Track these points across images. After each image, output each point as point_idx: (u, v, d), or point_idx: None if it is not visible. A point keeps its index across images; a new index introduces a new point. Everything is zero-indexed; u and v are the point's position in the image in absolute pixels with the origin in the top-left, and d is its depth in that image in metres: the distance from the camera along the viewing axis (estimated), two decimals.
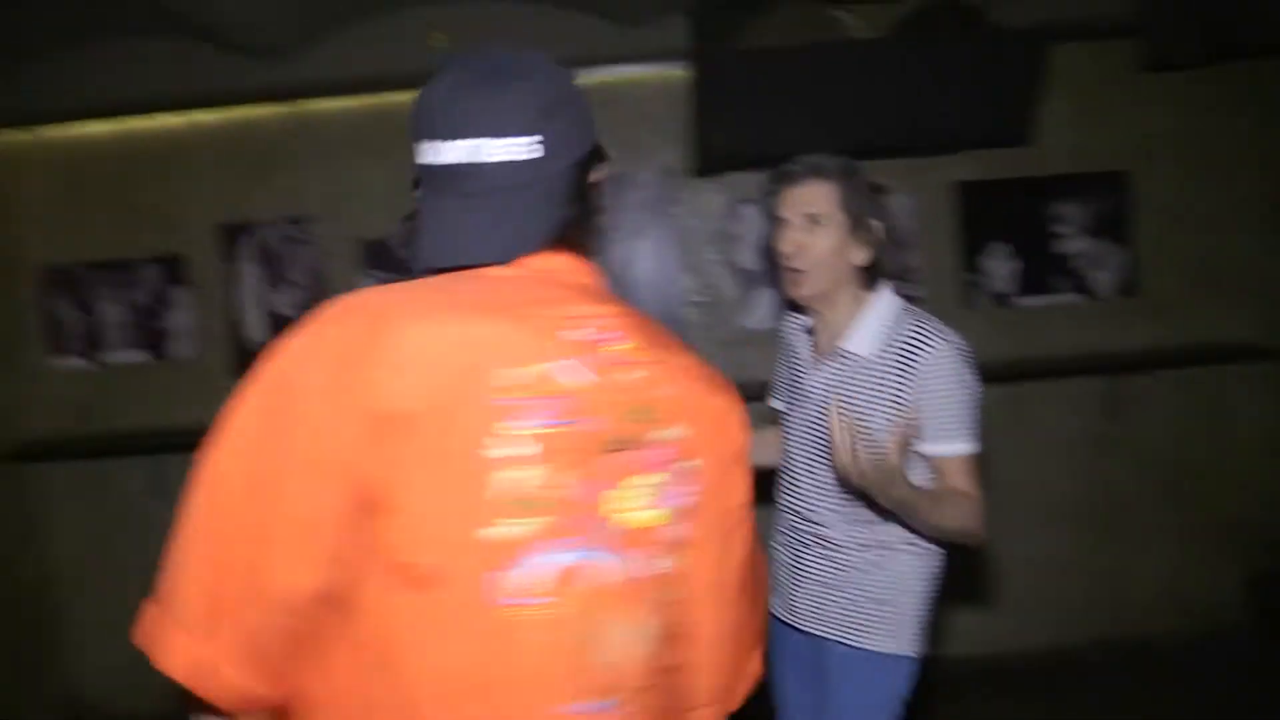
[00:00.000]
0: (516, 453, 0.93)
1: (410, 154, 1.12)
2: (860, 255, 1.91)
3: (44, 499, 4.06)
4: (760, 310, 4.01)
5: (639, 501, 0.99)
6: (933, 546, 1.91)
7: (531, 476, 0.94)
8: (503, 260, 1.06)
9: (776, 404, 2.22)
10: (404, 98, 3.82)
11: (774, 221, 1.96)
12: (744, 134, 3.70)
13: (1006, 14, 3.45)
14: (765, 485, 2.29)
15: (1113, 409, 4.00)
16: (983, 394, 1.89)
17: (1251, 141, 3.89)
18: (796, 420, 1.98)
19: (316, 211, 4.00)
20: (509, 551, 0.93)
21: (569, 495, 0.95)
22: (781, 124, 3.68)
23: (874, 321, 1.89)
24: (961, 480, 1.80)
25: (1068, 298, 4.01)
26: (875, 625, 1.86)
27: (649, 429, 1.01)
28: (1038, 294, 4.00)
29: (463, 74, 1.09)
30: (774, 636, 2.07)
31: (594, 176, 1.17)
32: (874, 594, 1.87)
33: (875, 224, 1.92)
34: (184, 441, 3.83)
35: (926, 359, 1.80)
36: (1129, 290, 4.00)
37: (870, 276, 1.94)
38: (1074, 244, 3.98)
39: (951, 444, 1.80)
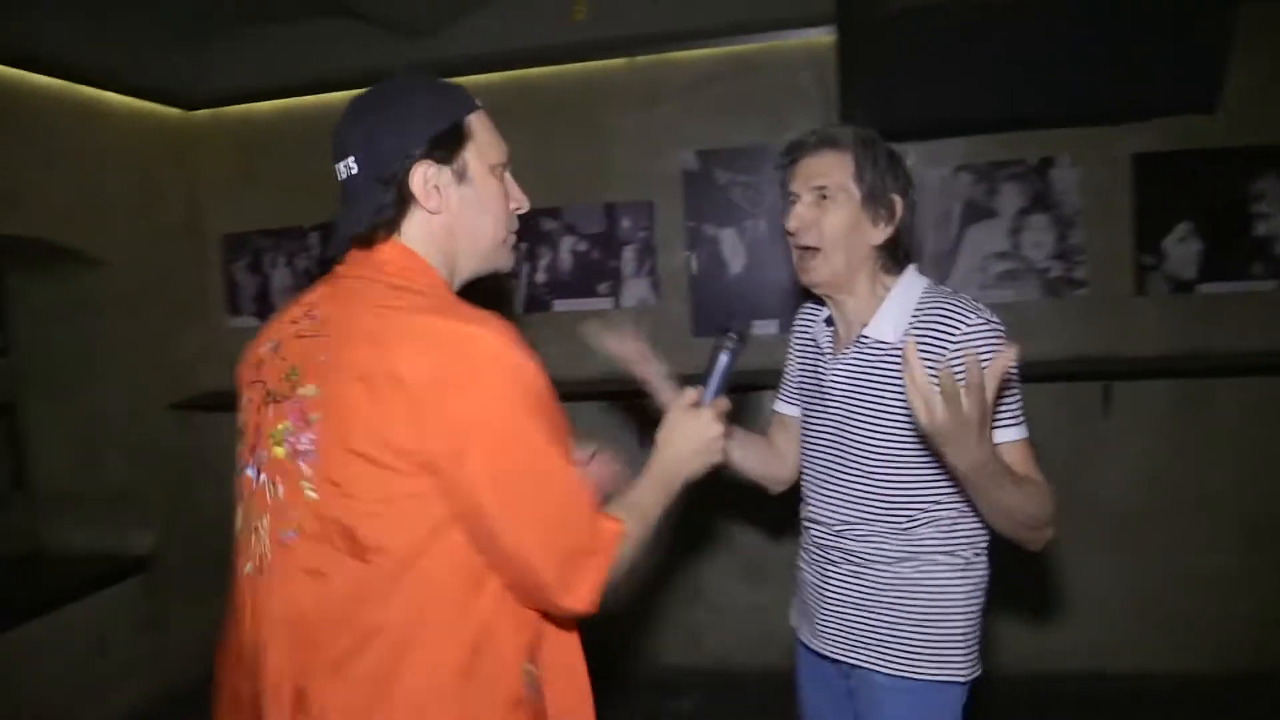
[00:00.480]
0: (244, 399, 1.40)
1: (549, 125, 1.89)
2: (878, 234, 1.72)
3: (219, 444, 4.42)
4: None
5: (277, 441, 1.30)
6: (974, 556, 1.71)
7: (243, 417, 1.39)
8: (338, 253, 1.43)
9: (784, 408, 2.03)
10: (540, 71, 3.92)
11: (785, 198, 1.79)
12: (891, 102, 3.49)
13: None
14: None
15: None
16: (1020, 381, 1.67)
17: None
18: (816, 422, 1.80)
19: None
20: (240, 463, 1.38)
21: (254, 430, 1.35)
22: (933, 91, 3.45)
23: (898, 304, 1.70)
24: (1026, 468, 1.58)
25: (1262, 285, 3.54)
26: (917, 651, 1.68)
27: (294, 387, 1.30)
28: (1225, 279, 3.56)
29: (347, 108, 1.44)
30: (802, 665, 1.92)
31: (414, 178, 1.35)
32: (913, 614, 1.68)
33: (896, 199, 1.72)
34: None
35: (958, 337, 1.59)
36: None
37: (893, 258, 1.75)
38: (1272, 224, 3.51)
39: (1003, 430, 1.59)
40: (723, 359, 1.55)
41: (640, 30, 3.83)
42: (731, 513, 3.95)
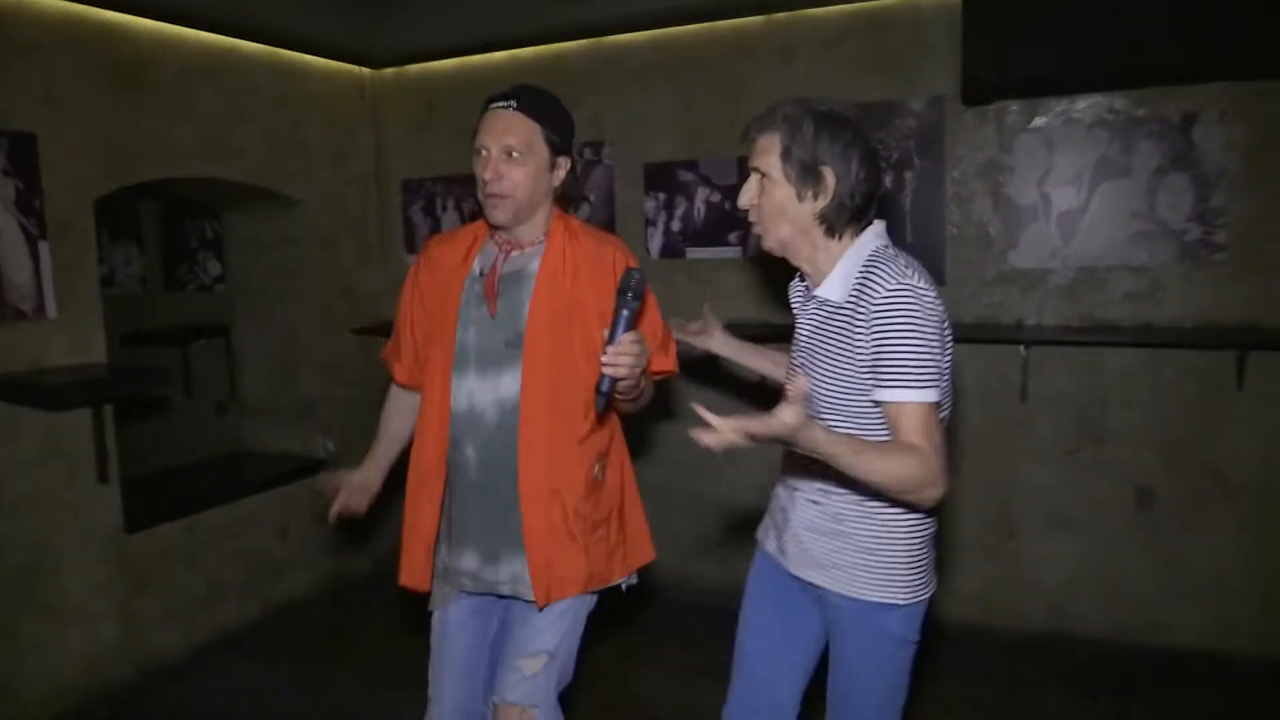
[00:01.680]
0: None
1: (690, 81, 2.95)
2: (814, 206, 1.82)
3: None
4: (1026, 248, 3.77)
5: None
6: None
7: None
8: None
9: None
10: (687, 29, 4.12)
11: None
12: (1015, 58, 3.47)
13: None
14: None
15: None
16: (948, 345, 1.78)
17: None
18: (795, 365, 1.96)
19: (610, 136, 4.41)
20: None
21: None
22: (1061, 46, 3.40)
23: (848, 266, 1.82)
24: (910, 432, 1.68)
25: None
26: (861, 575, 1.84)
27: None
28: None
29: None
30: (760, 573, 2.11)
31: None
32: (859, 542, 1.84)
33: (824, 171, 1.80)
34: None
35: (876, 299, 1.71)
36: None
37: (838, 223, 1.84)
38: None
39: (898, 391, 1.69)
40: (624, 314, 1.89)
41: None
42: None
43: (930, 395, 1.70)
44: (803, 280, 2.01)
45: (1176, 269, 3.59)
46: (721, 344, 2.41)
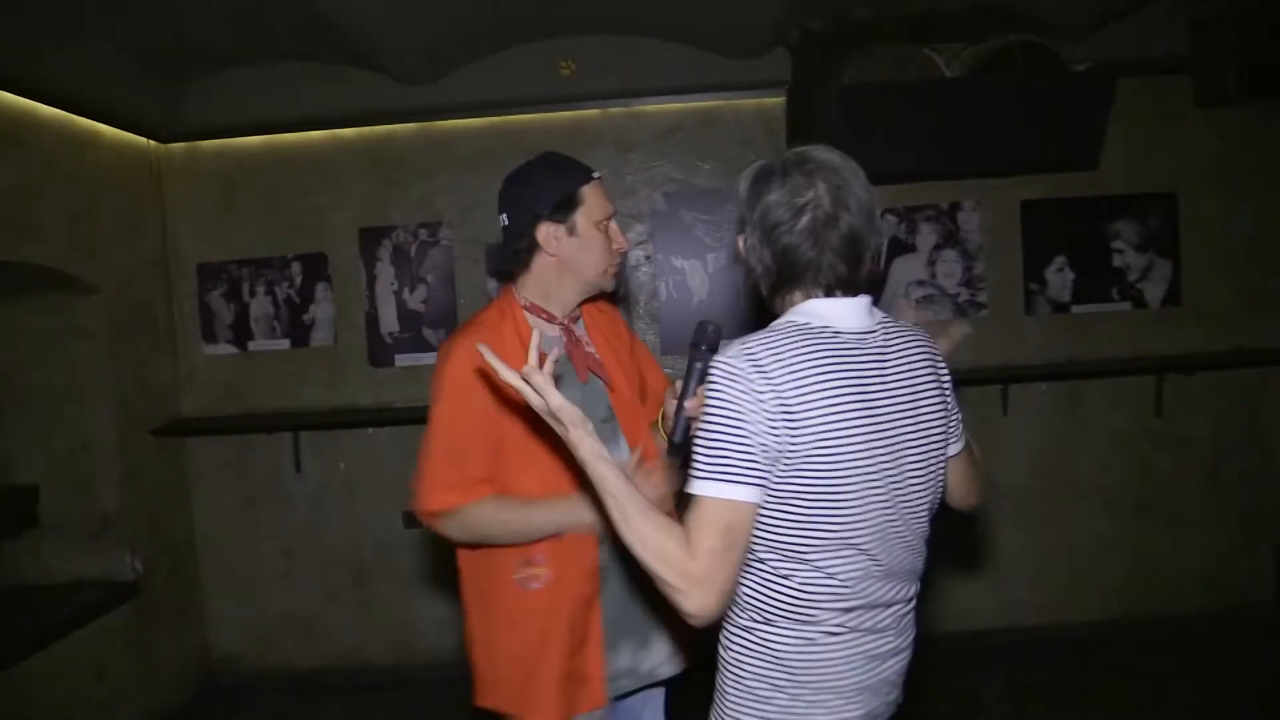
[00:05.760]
0: None
1: None
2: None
3: (195, 469, 4.52)
4: None
5: None
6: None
7: None
8: (500, 278, 2.21)
9: None
10: (528, 118, 4.34)
11: None
12: None
13: (1077, 53, 3.90)
14: None
15: (1159, 406, 4.45)
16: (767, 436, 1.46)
17: None
18: None
19: (447, 218, 4.45)
20: None
21: None
22: (867, 149, 4.11)
23: None
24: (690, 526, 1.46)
25: (1120, 306, 4.46)
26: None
27: None
28: (1093, 302, 4.45)
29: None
30: None
31: (540, 233, 2.03)
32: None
33: (739, 241, 1.71)
34: (320, 421, 4.35)
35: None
36: (1174, 300, 4.45)
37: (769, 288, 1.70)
38: (1126, 258, 4.44)
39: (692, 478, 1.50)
40: (697, 367, 1.83)
41: (613, 85, 4.34)
42: None
43: (701, 488, 1.46)
44: None
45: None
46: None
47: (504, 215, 2.07)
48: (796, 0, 3.68)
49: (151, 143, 4.37)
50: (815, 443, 1.46)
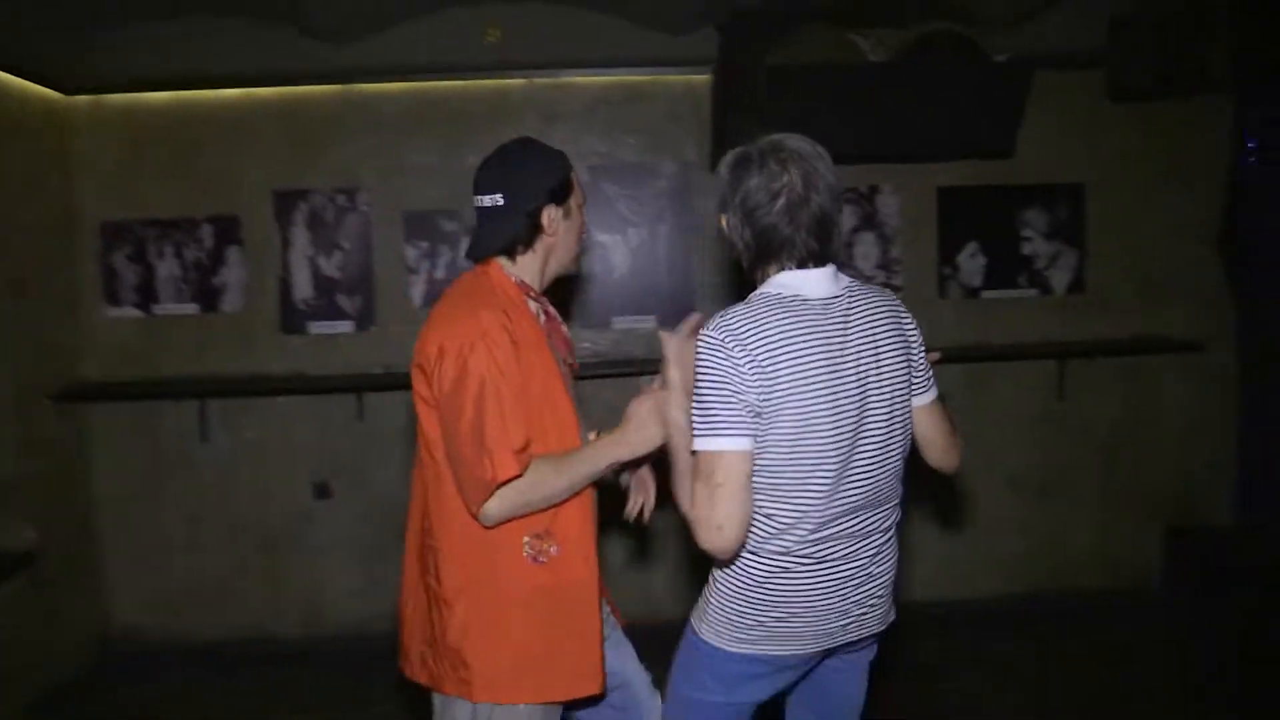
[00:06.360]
0: None
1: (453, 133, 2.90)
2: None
3: (97, 435, 4.37)
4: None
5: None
6: (749, 550, 1.85)
7: None
8: (477, 258, 2.11)
9: None
10: (452, 84, 4.27)
11: None
12: (754, 136, 4.17)
13: (997, 43, 3.99)
14: None
15: (1061, 390, 4.61)
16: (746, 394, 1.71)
17: (1191, 167, 4.53)
18: None
19: (366, 184, 4.36)
20: None
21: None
22: (789, 129, 4.16)
23: None
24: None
25: (1027, 292, 4.60)
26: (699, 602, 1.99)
27: (418, 355, 1.98)
28: (1002, 288, 4.58)
29: (488, 158, 2.11)
30: None
31: (545, 216, 2.05)
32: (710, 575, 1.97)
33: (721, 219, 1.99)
34: (228, 388, 4.24)
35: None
36: (1079, 288, 4.61)
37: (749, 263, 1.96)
38: (1035, 246, 4.57)
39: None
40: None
41: (539, 55, 4.29)
42: None
43: (699, 444, 1.75)
44: None
45: None
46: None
47: (496, 195, 2.03)
48: None
49: (56, 94, 4.18)
50: (787, 395, 1.72)
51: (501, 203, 2.03)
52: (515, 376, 1.93)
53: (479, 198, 2.07)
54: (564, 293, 4.44)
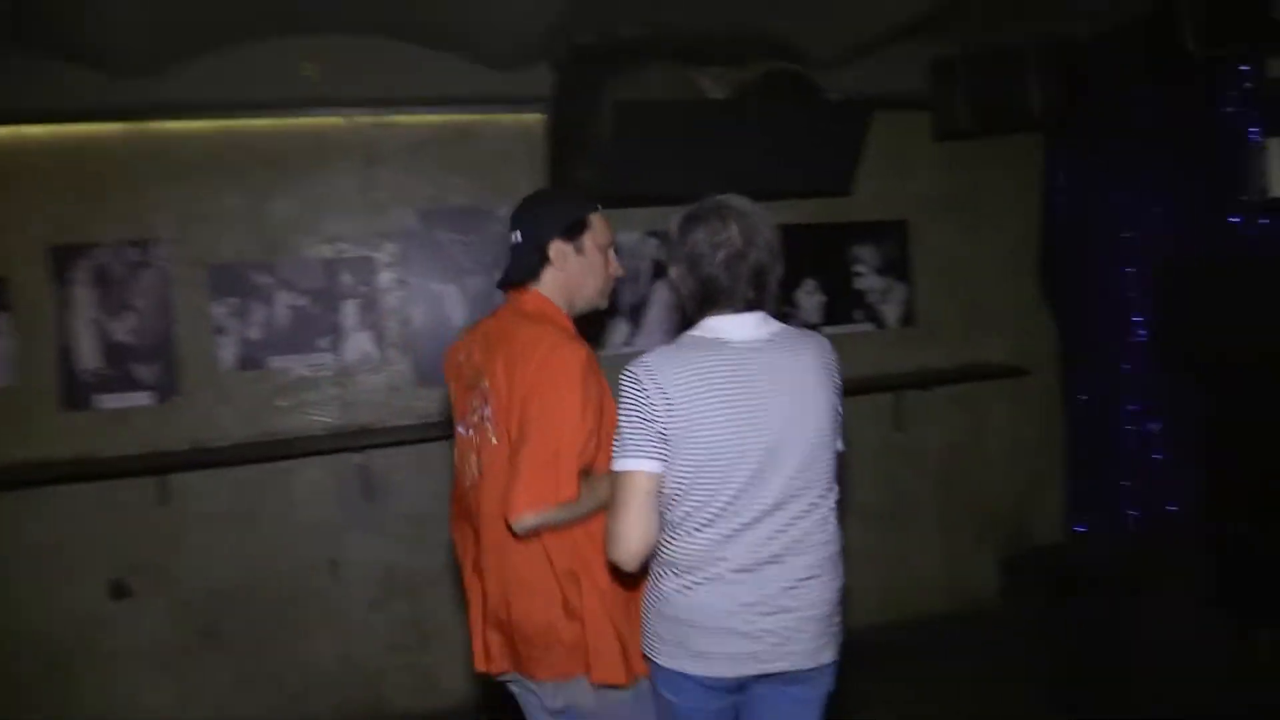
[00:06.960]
0: (452, 387, 2.31)
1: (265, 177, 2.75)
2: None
3: None
4: (607, 338, 4.35)
5: (474, 411, 2.17)
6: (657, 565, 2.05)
7: (453, 397, 2.30)
8: (500, 287, 2.30)
9: None
10: (263, 123, 3.85)
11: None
12: (593, 177, 4.02)
13: (830, 85, 4.04)
14: None
15: (897, 420, 4.72)
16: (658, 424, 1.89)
17: (1011, 202, 4.80)
18: None
19: (163, 235, 3.84)
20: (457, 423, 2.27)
21: (462, 406, 2.25)
22: (632, 169, 4.04)
23: None
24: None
25: (863, 326, 4.69)
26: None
27: (478, 380, 2.16)
28: (839, 323, 4.64)
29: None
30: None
31: (551, 249, 2.19)
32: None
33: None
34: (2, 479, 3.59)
35: None
36: (909, 321, 4.75)
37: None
38: (868, 281, 4.67)
39: None
40: None
41: (360, 92, 3.95)
42: None
43: (613, 464, 1.94)
44: None
45: None
46: None
47: (516, 233, 2.23)
48: (566, 11, 3.53)
49: None
50: (694, 425, 1.89)
51: (520, 239, 2.22)
52: (595, 406, 2.06)
53: (510, 235, 2.26)
54: (394, 348, 4.10)
